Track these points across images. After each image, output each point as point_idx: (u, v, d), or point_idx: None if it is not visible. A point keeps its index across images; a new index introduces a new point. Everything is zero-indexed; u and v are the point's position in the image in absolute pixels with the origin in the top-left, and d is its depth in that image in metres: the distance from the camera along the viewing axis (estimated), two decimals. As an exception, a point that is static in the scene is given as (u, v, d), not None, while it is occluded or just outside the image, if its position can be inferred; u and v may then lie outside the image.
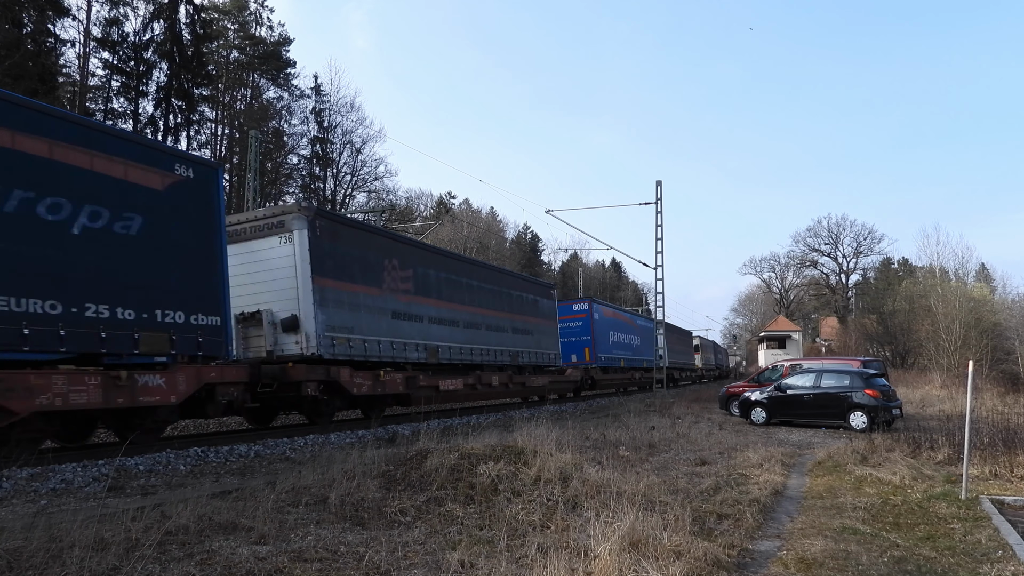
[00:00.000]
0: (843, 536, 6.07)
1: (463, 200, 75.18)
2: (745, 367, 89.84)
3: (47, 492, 7.44)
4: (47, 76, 27.80)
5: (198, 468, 9.32)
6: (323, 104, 47.20)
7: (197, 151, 40.96)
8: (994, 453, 9.90)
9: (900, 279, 63.99)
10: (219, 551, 4.70)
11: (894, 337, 52.39)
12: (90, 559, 4.22)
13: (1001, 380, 34.01)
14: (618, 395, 31.85)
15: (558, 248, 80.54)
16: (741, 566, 5.17)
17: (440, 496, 6.47)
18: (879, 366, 22.47)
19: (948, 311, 40.38)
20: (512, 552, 5.01)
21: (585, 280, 66.66)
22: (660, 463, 9.95)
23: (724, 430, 14.95)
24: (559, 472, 7.15)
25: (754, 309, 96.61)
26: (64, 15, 32.15)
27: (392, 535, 5.37)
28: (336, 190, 47.46)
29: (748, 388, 19.18)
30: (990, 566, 5.23)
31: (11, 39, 25.69)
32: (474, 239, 61.24)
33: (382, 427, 14.02)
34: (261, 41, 45.68)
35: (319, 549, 4.89)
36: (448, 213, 64.79)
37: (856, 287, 76.89)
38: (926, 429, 13.16)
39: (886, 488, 8.35)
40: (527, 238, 79.12)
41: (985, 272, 62.15)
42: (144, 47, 36.22)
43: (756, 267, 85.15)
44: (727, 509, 6.91)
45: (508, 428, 11.33)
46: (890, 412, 15.66)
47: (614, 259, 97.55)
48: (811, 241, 76.37)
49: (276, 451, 11.01)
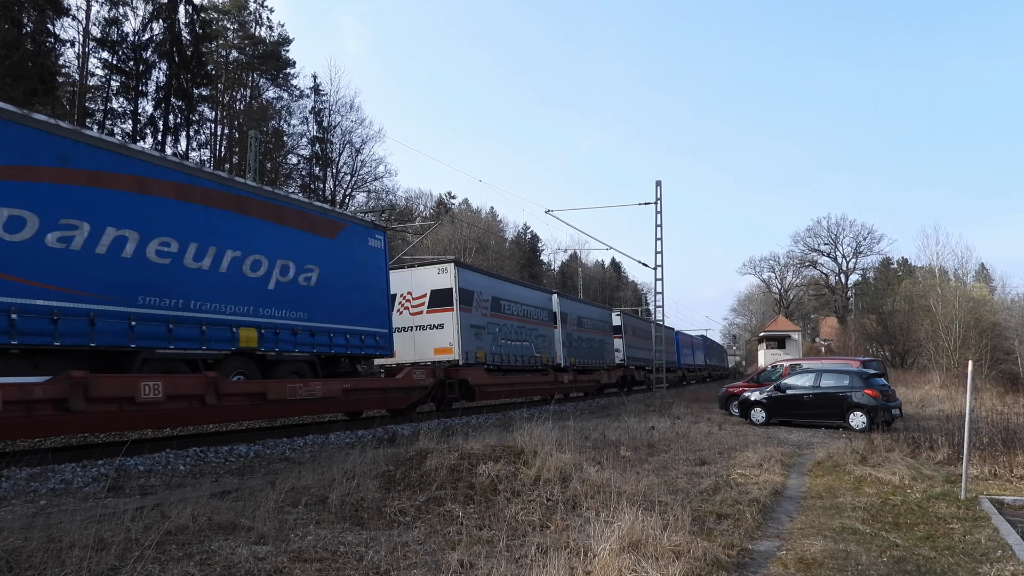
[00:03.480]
0: (843, 536, 6.07)
1: (463, 200, 75.17)
2: (745, 367, 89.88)
3: (46, 492, 7.44)
4: (46, 76, 27.76)
5: (197, 468, 9.31)
6: (322, 104, 47.08)
7: (197, 151, 41.07)
8: (993, 453, 9.91)
9: (900, 279, 63.99)
10: (219, 551, 4.70)
11: (893, 337, 52.43)
12: (89, 559, 4.22)
13: (1000, 380, 34.06)
14: (618, 395, 31.65)
15: (558, 248, 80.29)
16: (741, 566, 5.18)
17: (440, 496, 6.48)
18: (878, 366, 22.49)
19: (947, 311, 40.40)
20: (512, 552, 5.02)
21: (585, 280, 66.58)
22: (660, 463, 9.96)
23: (724, 430, 14.95)
24: (559, 472, 7.15)
25: (754, 309, 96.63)
26: (64, 15, 32.09)
27: (392, 535, 5.37)
28: (336, 190, 47.36)
29: (748, 388, 19.22)
30: (989, 566, 5.23)
31: (11, 39, 25.65)
32: (474, 239, 61.19)
33: (382, 427, 14.09)
34: (260, 41, 45.61)
35: (319, 549, 4.89)
36: (448, 213, 64.73)
37: (856, 287, 77.01)
38: (925, 429, 13.18)
39: (886, 488, 8.36)
40: (527, 238, 79.09)
41: (985, 272, 62.24)
42: (143, 47, 36.15)
43: (756, 267, 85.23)
44: (727, 509, 6.91)
45: (508, 428, 11.31)
46: (889, 412, 15.67)
47: (614, 259, 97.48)
48: (811, 241, 76.52)
49: (276, 451, 11.01)
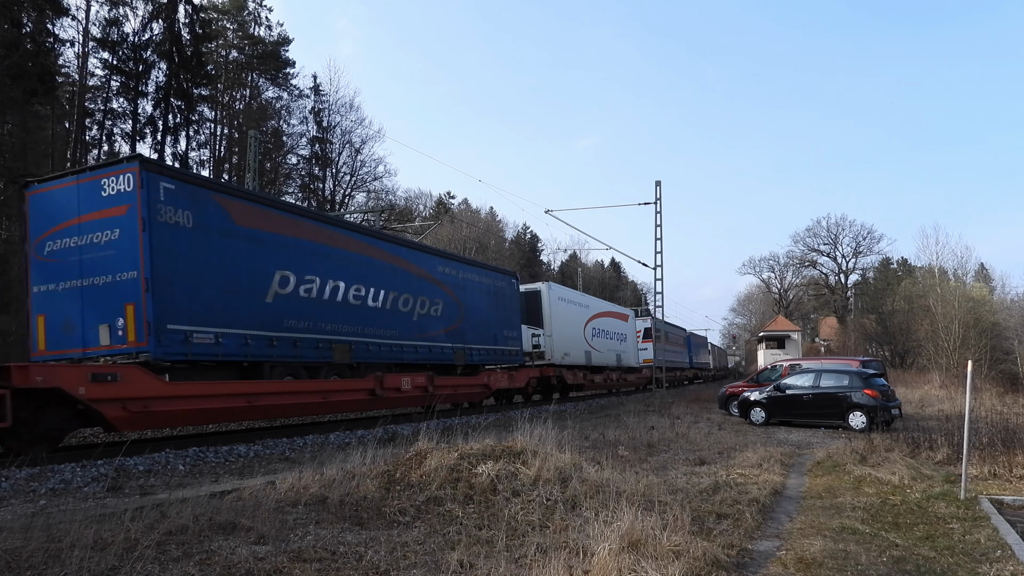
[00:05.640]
0: (842, 536, 6.07)
1: (462, 200, 75.07)
2: (744, 367, 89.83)
3: (46, 492, 7.44)
4: (46, 76, 27.70)
5: (197, 468, 9.31)
6: (322, 104, 47.06)
7: (196, 151, 41.10)
8: (993, 453, 9.91)
9: (899, 279, 63.95)
10: (218, 551, 4.70)
11: (893, 337, 52.43)
12: (89, 559, 4.22)
13: (1000, 380, 34.11)
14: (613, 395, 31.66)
15: (557, 248, 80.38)
16: (740, 566, 5.18)
17: (439, 496, 6.47)
18: (878, 366, 22.50)
19: (947, 311, 40.39)
20: (511, 552, 5.02)
21: (584, 280, 66.44)
22: (659, 463, 9.96)
23: (723, 430, 14.96)
24: (558, 472, 7.14)
25: (753, 309, 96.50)
26: (63, 15, 32.04)
27: (391, 535, 5.37)
28: (335, 190, 47.36)
29: (747, 388, 19.22)
30: (989, 566, 5.24)
31: (10, 39, 25.61)
32: (473, 239, 61.12)
33: (382, 427, 14.09)
34: (260, 41, 45.58)
35: (318, 549, 4.89)
36: (447, 213, 64.68)
37: (855, 287, 76.95)
38: (925, 429, 13.18)
39: (885, 488, 8.36)
40: (526, 238, 78.94)
41: (984, 272, 62.15)
42: (143, 47, 36.14)
43: (755, 267, 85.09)
44: (726, 509, 6.91)
45: (507, 428, 11.31)
46: (889, 412, 15.67)
47: (613, 259, 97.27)
48: (810, 241, 76.43)
49: (275, 451, 11.01)
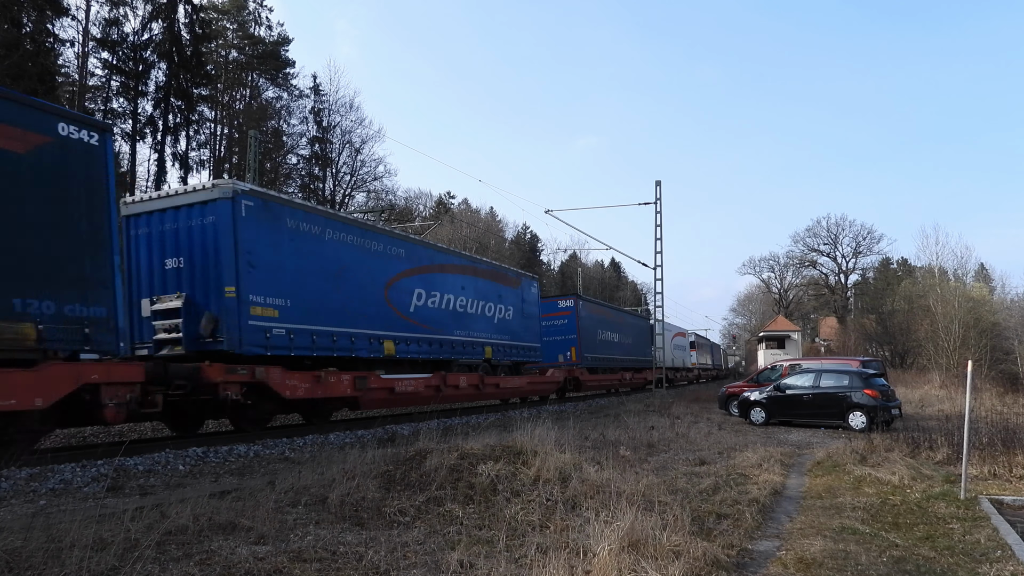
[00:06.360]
0: (842, 536, 6.07)
1: (462, 200, 75.12)
2: (744, 367, 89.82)
3: (46, 492, 7.43)
4: (46, 76, 27.74)
5: (197, 468, 9.31)
6: (322, 104, 47.07)
7: (196, 151, 41.15)
8: (993, 453, 9.91)
9: (899, 279, 63.95)
10: (218, 551, 4.70)
11: (893, 337, 52.41)
12: (89, 559, 4.21)
13: (1000, 380, 34.09)
14: (611, 396, 31.74)
15: (557, 248, 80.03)
16: (740, 566, 5.18)
17: (439, 496, 6.47)
18: (878, 366, 22.50)
19: (947, 311, 40.38)
20: (511, 552, 5.02)
21: (584, 280, 66.47)
22: (659, 463, 9.96)
23: (723, 430, 14.96)
24: (558, 472, 7.15)
25: (753, 309, 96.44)
26: (63, 15, 32.12)
27: (391, 535, 5.36)
28: (335, 190, 47.36)
29: (747, 388, 19.22)
30: (989, 566, 5.23)
31: (10, 39, 25.65)
32: (473, 239, 61.12)
33: (382, 427, 14.10)
34: (260, 41, 45.60)
35: (318, 549, 4.89)
36: (447, 213, 64.71)
37: (855, 287, 76.90)
38: (925, 429, 13.18)
39: (885, 488, 8.36)
40: (526, 238, 78.95)
41: (984, 272, 62.11)
42: (143, 47, 36.21)
43: (755, 267, 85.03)
44: (726, 509, 6.91)
45: (508, 428, 11.32)
46: (889, 412, 15.66)
47: (613, 259, 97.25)
48: (810, 241, 76.40)
49: (275, 451, 11.00)
